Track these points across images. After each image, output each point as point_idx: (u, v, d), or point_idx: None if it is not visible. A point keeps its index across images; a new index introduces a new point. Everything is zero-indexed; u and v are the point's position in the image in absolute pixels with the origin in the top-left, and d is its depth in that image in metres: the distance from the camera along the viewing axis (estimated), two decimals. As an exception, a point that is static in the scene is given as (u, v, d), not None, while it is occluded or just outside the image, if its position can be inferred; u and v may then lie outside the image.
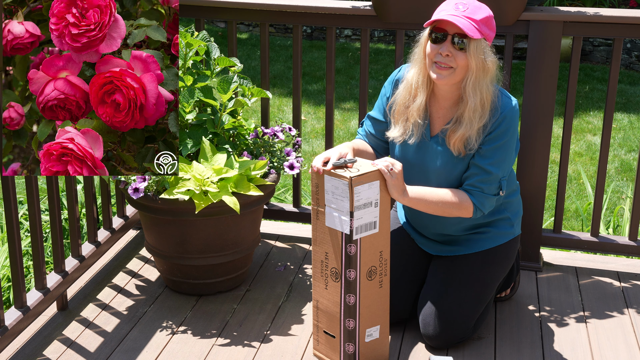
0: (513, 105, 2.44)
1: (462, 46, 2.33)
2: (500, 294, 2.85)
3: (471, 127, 2.40)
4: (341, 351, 2.44)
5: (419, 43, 2.44)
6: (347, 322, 2.40)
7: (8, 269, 3.21)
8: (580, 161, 5.63)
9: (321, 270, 2.44)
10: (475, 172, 2.46)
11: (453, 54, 2.34)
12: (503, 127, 2.42)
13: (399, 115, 2.53)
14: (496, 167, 2.44)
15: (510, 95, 2.47)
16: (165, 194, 2.61)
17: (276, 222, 3.52)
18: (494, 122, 2.41)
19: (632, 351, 2.60)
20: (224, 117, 2.76)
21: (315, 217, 2.40)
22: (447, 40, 2.34)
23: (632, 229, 3.11)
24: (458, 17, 2.31)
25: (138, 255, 3.21)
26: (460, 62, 2.35)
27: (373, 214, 2.33)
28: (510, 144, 2.46)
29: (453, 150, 2.45)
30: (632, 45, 7.92)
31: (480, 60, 2.35)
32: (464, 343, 2.60)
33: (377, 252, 2.38)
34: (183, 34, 2.71)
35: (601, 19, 2.84)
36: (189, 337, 2.65)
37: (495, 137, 2.42)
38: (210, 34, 8.64)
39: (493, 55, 2.41)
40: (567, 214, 4.65)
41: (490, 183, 2.46)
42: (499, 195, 2.49)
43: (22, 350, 2.56)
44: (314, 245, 2.44)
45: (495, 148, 2.43)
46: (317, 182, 2.36)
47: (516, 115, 2.45)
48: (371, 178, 2.30)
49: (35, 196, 2.54)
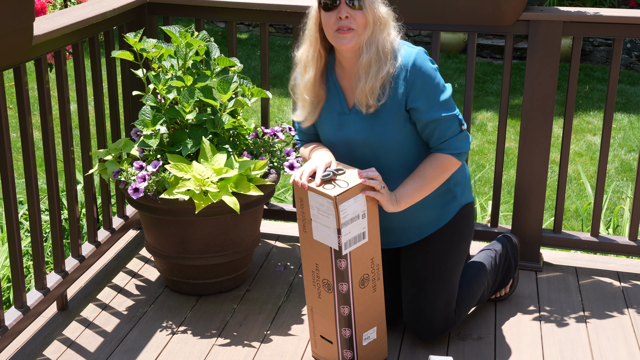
0: (417, 52, 2.36)
1: (358, 5, 2.29)
2: (500, 292, 2.85)
3: (372, 78, 2.33)
4: (339, 356, 2.44)
5: (310, 17, 2.39)
6: (344, 331, 2.39)
7: (8, 269, 3.21)
8: (580, 161, 5.63)
9: (313, 280, 2.41)
10: (430, 130, 2.40)
11: (352, 15, 2.30)
12: (419, 79, 2.34)
13: (299, 95, 2.49)
14: (440, 110, 2.37)
15: (411, 45, 2.40)
16: (165, 194, 2.61)
17: (276, 222, 3.52)
18: (405, 75, 2.34)
19: (632, 351, 2.60)
20: (224, 117, 2.76)
21: (302, 229, 2.36)
22: (342, 3, 2.30)
23: (632, 229, 3.11)
24: None
25: (138, 255, 3.21)
26: (359, 21, 2.31)
27: (361, 226, 2.29)
28: (437, 88, 2.37)
29: (362, 108, 2.38)
30: (632, 45, 7.92)
31: (375, 13, 2.32)
32: (463, 342, 2.61)
33: (368, 260, 2.35)
34: (183, 34, 2.71)
35: (601, 19, 2.84)
36: (189, 337, 2.65)
37: (419, 90, 2.35)
38: (210, 34, 8.64)
39: (385, 6, 2.36)
40: (567, 214, 4.65)
41: (448, 126, 2.39)
42: (465, 131, 2.42)
43: (22, 350, 2.56)
44: (303, 256, 2.41)
45: (426, 98, 2.36)
46: (300, 197, 2.31)
47: (426, 62, 2.35)
48: (355, 192, 2.25)
49: (35, 196, 2.54)
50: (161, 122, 2.67)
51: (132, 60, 2.74)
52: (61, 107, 2.71)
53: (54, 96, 5.95)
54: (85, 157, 2.89)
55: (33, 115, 5.96)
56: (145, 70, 2.81)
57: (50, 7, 3.05)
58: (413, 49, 2.38)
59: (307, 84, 2.44)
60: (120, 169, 2.72)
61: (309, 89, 2.45)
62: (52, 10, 3.05)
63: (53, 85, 6.04)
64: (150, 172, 2.63)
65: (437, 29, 2.98)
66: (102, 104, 2.97)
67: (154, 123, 2.66)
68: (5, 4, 2.14)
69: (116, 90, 3.07)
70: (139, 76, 2.81)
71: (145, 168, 2.64)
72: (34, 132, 5.61)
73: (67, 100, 2.71)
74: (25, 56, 2.36)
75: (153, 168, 2.62)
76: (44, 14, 2.92)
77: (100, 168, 2.84)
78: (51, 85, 5.88)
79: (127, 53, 2.72)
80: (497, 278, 2.77)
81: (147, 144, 2.64)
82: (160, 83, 2.70)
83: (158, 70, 2.80)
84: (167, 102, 2.71)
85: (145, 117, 2.68)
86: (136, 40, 2.70)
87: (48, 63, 2.87)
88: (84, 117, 2.84)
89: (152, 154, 2.72)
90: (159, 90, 2.71)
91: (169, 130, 2.75)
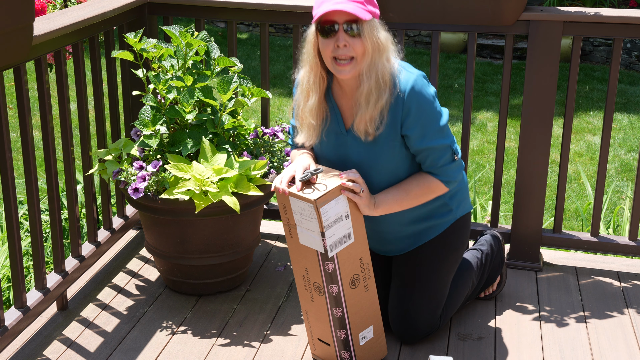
0: (415, 78, 2.31)
1: (356, 32, 2.24)
2: (487, 291, 2.85)
3: (372, 107, 2.30)
4: (337, 358, 2.44)
5: (307, 41, 2.34)
6: (339, 333, 2.39)
7: (8, 269, 3.21)
8: (580, 161, 5.63)
9: (304, 284, 2.41)
10: (424, 156, 2.39)
11: (350, 43, 2.24)
12: (415, 105, 2.31)
13: (301, 119, 2.45)
14: (435, 140, 2.35)
15: (412, 69, 2.35)
16: (165, 194, 2.61)
17: (276, 222, 3.52)
18: (402, 101, 2.30)
19: (632, 351, 2.60)
20: (224, 117, 2.76)
21: (288, 234, 2.36)
22: (340, 31, 2.23)
23: (632, 229, 3.11)
24: (343, 3, 2.20)
25: (138, 255, 3.21)
26: (358, 50, 2.24)
27: (345, 227, 2.28)
28: (433, 116, 2.35)
29: (360, 135, 2.35)
30: (632, 45, 7.92)
31: (374, 41, 2.26)
32: (463, 342, 2.61)
33: (356, 260, 2.34)
34: (183, 34, 2.71)
35: (601, 19, 2.84)
36: (189, 337, 2.65)
37: (415, 118, 2.32)
38: (210, 34, 8.64)
39: (384, 31, 2.30)
40: (567, 214, 4.65)
41: (441, 155, 2.38)
42: (458, 160, 2.42)
43: (22, 350, 2.56)
44: (292, 261, 2.41)
45: (421, 126, 2.33)
46: (283, 203, 2.30)
47: (423, 88, 2.31)
48: (335, 193, 2.24)
49: (35, 196, 2.54)
50: (161, 122, 2.67)
51: (132, 60, 2.74)
52: (61, 107, 2.71)
53: (54, 96, 5.95)
54: (85, 157, 2.89)
55: (33, 115, 5.96)
56: (145, 70, 2.82)
57: (50, 7, 3.04)
58: (412, 74, 2.33)
59: (312, 109, 2.40)
60: (120, 169, 2.72)
61: (314, 114, 2.41)
62: (52, 10, 3.05)
63: (53, 85, 6.04)
64: (150, 172, 2.63)
65: (437, 29, 2.98)
66: (102, 104, 2.97)
67: (154, 123, 2.66)
68: (5, 4, 2.14)
69: (116, 90, 3.07)
70: (139, 76, 2.81)
71: (145, 168, 2.64)
72: (34, 132, 5.61)
73: (67, 100, 2.71)
74: (25, 56, 2.36)
75: (153, 168, 2.62)
76: (44, 14, 2.92)
77: (100, 168, 2.84)
78: (51, 85, 5.88)
79: (127, 53, 2.72)
80: (483, 278, 2.78)
81: (147, 144, 2.64)
82: (160, 83, 2.70)
83: (158, 70, 2.80)
84: (167, 102, 2.71)
85: (145, 117, 2.68)
86: (136, 40, 2.70)
87: (48, 63, 2.87)
88: (84, 117, 2.84)
89: (152, 154, 2.72)
90: (159, 90, 2.71)
91: (169, 130, 2.75)
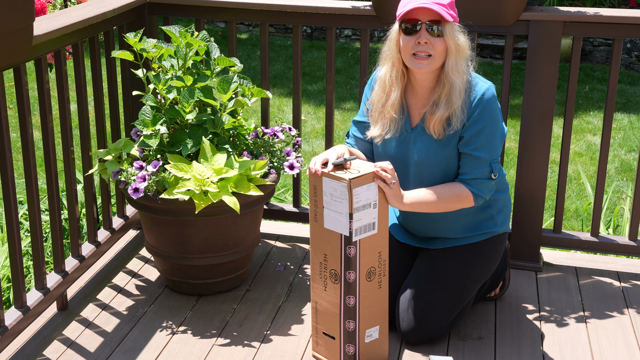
0: (488, 87, 2.44)
1: (439, 32, 2.37)
2: (490, 293, 2.85)
3: (450, 107, 2.41)
4: (341, 352, 2.44)
5: (389, 39, 2.46)
6: (347, 324, 2.40)
7: (8, 269, 3.21)
8: (580, 161, 5.63)
9: (320, 272, 2.43)
10: (464, 161, 2.48)
11: (430, 41, 2.37)
12: (479, 111, 2.43)
13: (378, 114, 2.55)
14: (482, 151, 2.45)
15: (484, 80, 2.48)
16: (165, 194, 2.61)
17: (276, 222, 3.52)
18: (470, 104, 2.43)
19: (632, 351, 2.60)
20: (224, 117, 2.76)
21: (313, 219, 2.40)
22: (422, 29, 2.37)
23: (632, 229, 3.11)
24: (429, 3, 2.34)
25: (138, 255, 3.21)
26: (438, 49, 2.38)
27: (372, 215, 2.33)
28: (491, 127, 2.46)
29: (433, 133, 2.46)
30: (632, 45, 7.92)
31: (455, 42, 2.38)
32: (463, 342, 2.61)
33: (376, 253, 2.38)
34: (183, 34, 2.71)
35: (601, 19, 2.84)
36: (189, 337, 2.65)
37: (474, 122, 2.43)
38: (210, 34, 8.64)
39: (464, 35, 2.44)
40: (567, 214, 4.65)
41: (481, 167, 2.46)
42: (494, 179, 2.49)
43: (22, 350, 2.56)
44: (312, 247, 2.44)
45: (476, 133, 2.44)
46: (315, 184, 2.36)
47: (493, 99, 2.45)
48: (369, 179, 2.30)
49: (35, 196, 2.54)
50: (161, 122, 2.67)
51: (132, 60, 2.74)
52: (61, 107, 2.71)
53: (54, 96, 5.95)
54: (85, 157, 2.89)
55: (33, 115, 5.96)
56: (145, 70, 2.81)
57: (50, 7, 3.04)
58: (485, 83, 2.46)
59: (394, 103, 2.50)
60: (120, 169, 2.72)
61: (396, 107, 2.51)
62: (52, 10, 3.05)
63: (53, 85, 6.04)
64: (150, 172, 2.63)
65: (437, 29, 2.98)
66: (102, 104, 2.97)
67: (154, 123, 2.66)
68: (5, 4, 2.14)
69: (116, 90, 3.08)
70: (139, 76, 2.81)
71: (145, 168, 2.64)
72: (34, 132, 5.61)
73: (67, 100, 2.71)
74: (25, 56, 2.36)
75: (153, 168, 2.62)
76: (44, 14, 2.92)
77: (100, 168, 2.84)
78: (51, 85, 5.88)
79: (127, 53, 2.72)
80: (487, 282, 2.78)
81: (147, 144, 2.64)
82: (160, 83, 2.70)
83: (158, 70, 2.80)
84: (167, 102, 2.71)
85: (145, 117, 2.68)
86: (136, 40, 2.70)
87: (48, 63, 2.87)
88: (84, 117, 2.84)
89: (152, 154, 2.72)
90: (159, 90, 2.71)
91: (169, 130, 2.75)
